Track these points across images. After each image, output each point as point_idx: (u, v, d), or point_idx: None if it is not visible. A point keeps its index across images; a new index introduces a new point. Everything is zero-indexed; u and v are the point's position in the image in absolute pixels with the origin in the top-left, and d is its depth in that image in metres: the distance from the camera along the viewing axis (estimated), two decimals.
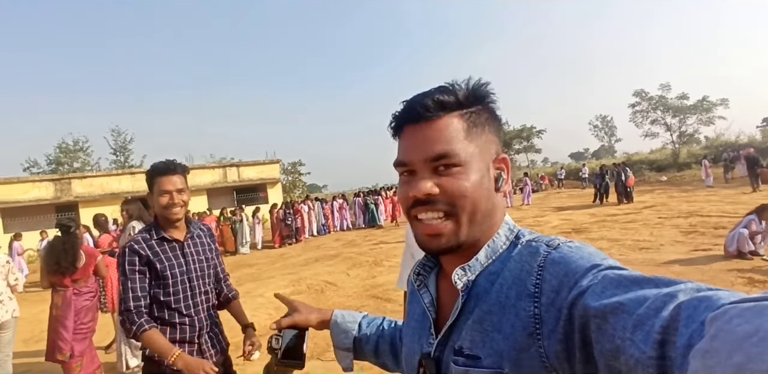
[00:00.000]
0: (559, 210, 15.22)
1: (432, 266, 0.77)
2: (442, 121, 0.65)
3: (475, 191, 0.63)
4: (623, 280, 0.49)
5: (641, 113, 32.02)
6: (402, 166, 0.68)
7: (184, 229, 2.01)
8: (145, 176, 1.93)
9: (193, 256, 1.98)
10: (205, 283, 2.01)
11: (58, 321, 3.58)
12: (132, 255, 1.87)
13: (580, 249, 0.59)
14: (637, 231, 9.09)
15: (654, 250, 7.22)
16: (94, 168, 28.30)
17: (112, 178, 20.83)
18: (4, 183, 18.71)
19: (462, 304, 0.64)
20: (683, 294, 0.42)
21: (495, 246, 0.66)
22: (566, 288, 0.53)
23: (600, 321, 0.47)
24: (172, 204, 1.87)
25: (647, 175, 25.17)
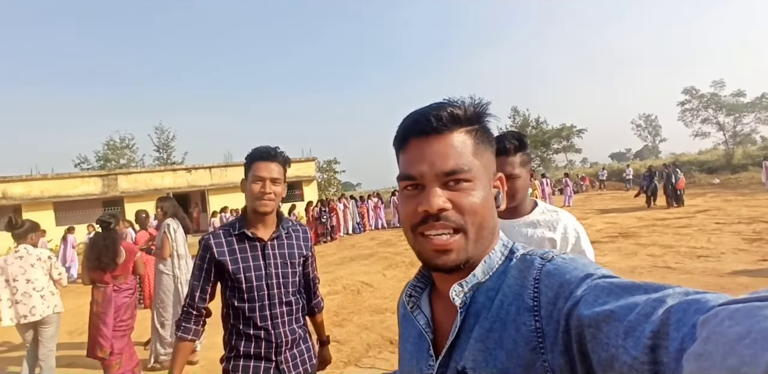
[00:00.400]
0: (603, 212, 14.56)
1: (423, 286, 0.75)
2: (453, 135, 0.64)
3: (484, 207, 0.63)
4: (614, 288, 0.48)
5: (691, 112, 30.40)
6: (408, 179, 0.65)
7: (273, 227, 1.77)
8: (244, 161, 1.74)
9: (275, 259, 1.72)
10: (288, 293, 1.73)
11: (98, 318, 3.60)
12: (204, 250, 1.70)
13: (574, 260, 0.58)
14: (692, 238, 8.51)
15: (714, 259, 6.68)
16: (139, 164, 29.47)
17: (155, 174, 21.56)
18: (56, 178, 19.72)
19: (461, 322, 0.62)
20: (672, 299, 0.42)
21: (491, 261, 0.65)
22: (562, 298, 0.52)
23: (594, 330, 0.46)
24: (263, 194, 1.65)
25: (697, 177, 23.80)
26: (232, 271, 1.66)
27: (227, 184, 21.90)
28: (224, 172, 22.29)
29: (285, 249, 1.76)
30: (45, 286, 3.66)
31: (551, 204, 1.75)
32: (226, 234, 1.71)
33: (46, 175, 19.78)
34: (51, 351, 3.72)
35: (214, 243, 1.68)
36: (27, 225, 3.73)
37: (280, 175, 1.70)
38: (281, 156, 1.72)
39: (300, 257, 1.80)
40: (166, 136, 31.16)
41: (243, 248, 1.69)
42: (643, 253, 7.56)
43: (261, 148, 1.70)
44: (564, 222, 1.59)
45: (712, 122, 29.71)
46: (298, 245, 1.82)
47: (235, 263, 1.67)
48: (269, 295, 1.69)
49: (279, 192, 1.69)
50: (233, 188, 22.00)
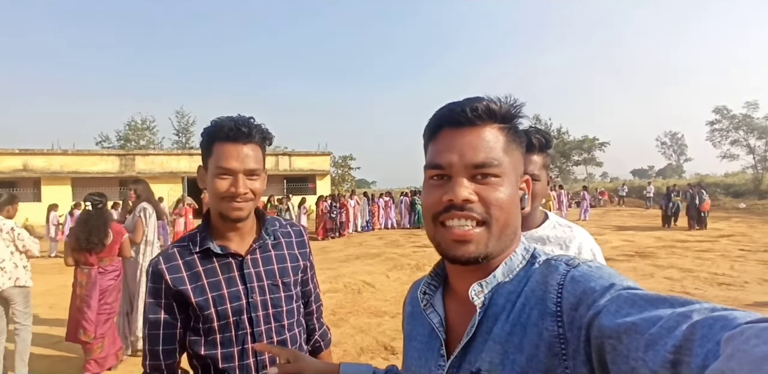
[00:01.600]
0: (620, 229, 14.11)
1: (437, 285, 0.73)
2: (486, 129, 0.63)
3: (510, 204, 0.62)
4: (638, 300, 0.48)
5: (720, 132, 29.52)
6: (436, 168, 0.64)
7: (252, 234, 1.26)
8: (200, 141, 1.20)
9: (260, 281, 1.20)
10: (282, 327, 1.23)
11: (82, 301, 3.47)
12: (154, 280, 1.15)
13: (600, 269, 0.57)
14: (714, 263, 8.10)
15: (737, 288, 6.32)
16: (157, 146, 29.82)
17: (172, 157, 21.74)
18: (76, 154, 20.03)
19: (478, 323, 0.61)
20: (698, 314, 0.41)
21: (512, 264, 0.64)
22: (584, 306, 0.52)
23: (614, 341, 0.45)
24: (234, 195, 1.12)
25: (722, 200, 23.05)
26: (198, 305, 1.13)
27: None
28: None
29: (273, 265, 1.24)
30: (6, 259, 3.48)
31: (564, 218, 1.52)
32: (184, 252, 1.18)
33: (67, 150, 20.12)
34: (24, 326, 3.59)
35: (165, 268, 1.15)
36: (3, 198, 3.59)
37: (258, 162, 1.16)
38: (258, 132, 1.16)
39: (297, 272, 1.29)
40: (186, 121, 31.52)
41: (210, 270, 1.17)
42: (660, 276, 7.21)
43: (226, 122, 1.13)
44: (579, 240, 1.36)
45: (742, 144, 28.79)
46: (292, 255, 1.30)
47: (201, 293, 1.14)
48: (253, 335, 1.18)
49: (258, 189, 1.17)
50: None
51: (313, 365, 0.87)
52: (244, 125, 1.13)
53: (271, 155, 23.65)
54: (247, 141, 1.14)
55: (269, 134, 1.21)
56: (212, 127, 1.15)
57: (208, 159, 1.16)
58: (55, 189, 18.71)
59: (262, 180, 1.20)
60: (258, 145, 1.17)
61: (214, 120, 1.16)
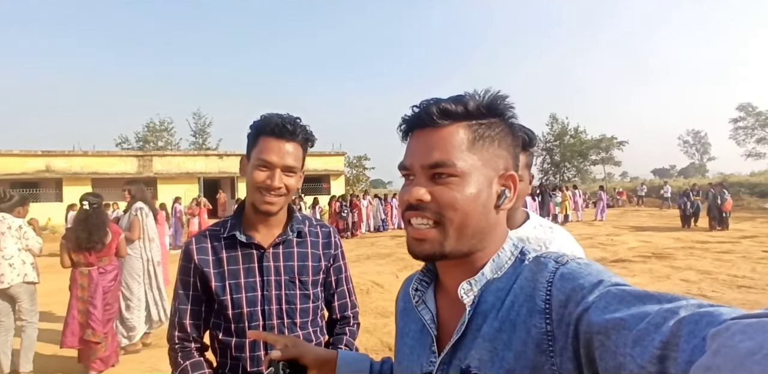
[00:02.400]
0: (637, 230, 13.80)
1: (429, 281, 0.74)
2: (447, 129, 0.64)
3: (468, 204, 0.61)
4: (626, 296, 0.48)
5: (745, 130, 28.70)
6: (403, 169, 0.67)
7: (279, 228, 1.28)
8: (248, 133, 1.25)
9: (277, 275, 1.23)
10: (294, 325, 1.24)
11: (87, 303, 3.51)
12: (185, 258, 1.24)
13: (589, 265, 0.58)
14: (734, 265, 7.84)
15: (758, 291, 6.09)
16: (174, 148, 30.34)
17: (188, 158, 22.10)
18: (96, 155, 20.54)
19: (468, 320, 0.61)
20: (684, 310, 0.42)
21: (500, 261, 0.64)
22: (573, 303, 0.52)
23: (603, 337, 0.46)
24: (269, 188, 1.17)
25: (746, 200, 22.34)
26: (216, 290, 1.20)
27: None
28: None
29: (293, 261, 1.25)
30: (14, 255, 3.56)
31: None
32: (213, 237, 1.25)
33: (87, 151, 20.62)
34: (30, 323, 3.65)
35: (195, 248, 1.23)
36: (15, 199, 3.68)
37: (297, 161, 1.21)
38: (302, 132, 1.22)
39: (317, 273, 1.29)
40: (203, 122, 32.00)
41: (232, 258, 1.22)
42: (677, 277, 7.01)
43: (274, 118, 1.19)
44: (559, 241, 1.31)
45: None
46: (315, 254, 1.30)
47: (220, 279, 1.20)
48: (265, 328, 1.21)
49: (292, 186, 1.21)
50: None
51: (312, 350, 0.88)
52: (289, 123, 1.19)
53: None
54: (290, 138, 1.19)
55: (312, 136, 1.26)
56: (260, 121, 1.22)
57: (251, 150, 1.22)
58: (76, 190, 19.12)
59: (298, 178, 1.24)
60: (300, 145, 1.23)
61: (263, 115, 1.23)
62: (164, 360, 4.02)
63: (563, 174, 33.48)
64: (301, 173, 1.28)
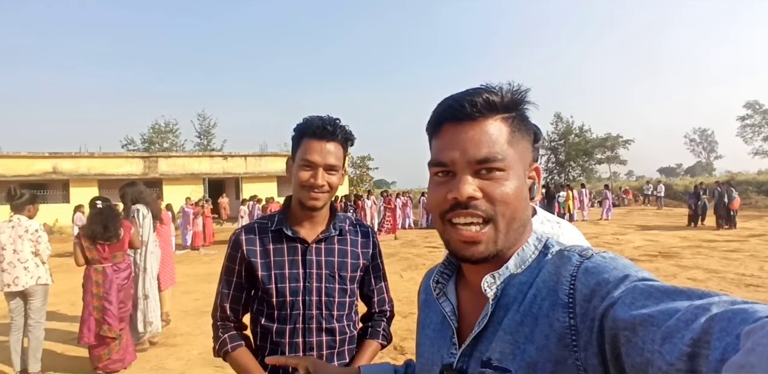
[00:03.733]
0: (644, 229, 13.71)
1: (450, 273, 0.74)
2: (488, 122, 0.62)
3: (516, 198, 0.61)
4: (654, 291, 0.47)
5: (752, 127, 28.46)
6: (439, 166, 0.64)
7: (322, 225, 1.37)
8: (292, 134, 1.33)
9: (318, 269, 1.31)
10: (331, 316, 1.31)
11: (102, 299, 3.55)
12: (233, 247, 1.34)
13: (614, 259, 0.56)
14: (742, 264, 7.77)
15: (766, 290, 6.05)
16: (180, 149, 30.48)
17: (193, 159, 22.18)
18: (102, 157, 20.67)
19: (490, 313, 0.61)
20: (717, 307, 0.40)
21: (524, 255, 0.63)
22: (598, 297, 0.51)
23: (629, 333, 0.45)
24: (312, 185, 1.26)
25: (754, 199, 22.15)
26: (262, 279, 1.29)
27: (261, 173, 22.30)
28: (259, 161, 22.69)
29: (334, 257, 1.34)
30: (29, 258, 3.62)
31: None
32: (261, 229, 1.34)
33: (93, 153, 20.76)
34: (38, 322, 3.69)
35: (245, 239, 1.32)
36: (25, 197, 3.72)
37: (339, 159, 1.29)
38: (342, 132, 1.29)
39: (355, 269, 1.37)
40: (208, 123, 32.10)
41: (278, 250, 1.31)
42: (683, 276, 6.96)
43: (315, 121, 1.27)
44: (568, 236, 1.29)
45: None
46: (354, 252, 1.37)
47: (266, 269, 1.30)
48: (305, 317, 1.29)
49: (335, 184, 1.30)
50: (266, 177, 22.38)
51: (334, 371, 0.89)
52: (329, 124, 1.27)
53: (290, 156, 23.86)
54: (330, 139, 1.27)
55: (352, 135, 1.35)
56: (303, 124, 1.30)
57: (295, 152, 1.31)
58: (83, 191, 19.30)
59: (340, 176, 1.33)
60: (340, 144, 1.31)
61: (305, 118, 1.31)
62: (171, 359, 4.08)
63: (568, 173, 33.29)
64: (343, 171, 1.35)
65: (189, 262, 9.77)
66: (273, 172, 22.69)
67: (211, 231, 13.19)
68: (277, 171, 22.85)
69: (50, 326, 4.53)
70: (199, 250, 11.84)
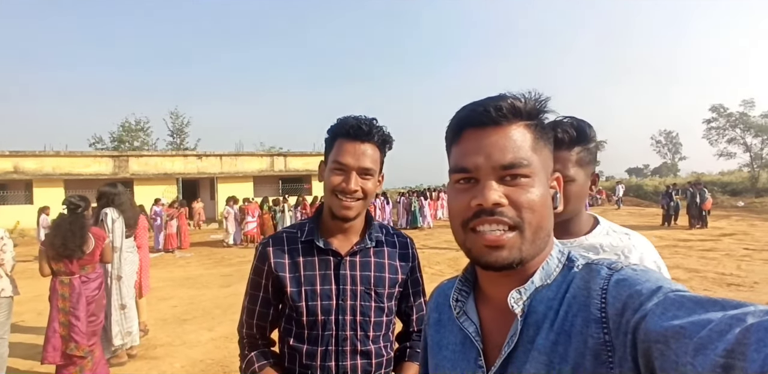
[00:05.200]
0: None
1: (468, 291, 0.70)
2: (512, 127, 0.61)
3: (542, 206, 0.60)
4: (686, 302, 0.45)
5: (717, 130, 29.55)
6: (462, 172, 0.62)
7: (356, 236, 1.25)
8: (326, 136, 1.23)
9: (354, 285, 1.19)
10: (367, 338, 1.19)
11: (69, 314, 3.22)
12: (260, 259, 1.21)
13: (645, 272, 0.55)
14: (720, 263, 7.97)
15: (747, 288, 6.18)
16: (152, 148, 29.47)
17: (166, 158, 21.43)
18: (69, 156, 19.70)
19: (519, 331, 0.58)
20: (752, 317, 0.39)
21: (549, 268, 0.61)
22: (630, 310, 0.49)
23: (662, 346, 0.43)
24: (345, 191, 1.14)
25: (720, 199, 23.02)
26: (291, 295, 1.17)
27: (237, 173, 21.75)
28: (235, 160, 22.13)
29: (370, 271, 1.21)
30: None
31: None
32: (291, 240, 1.22)
33: (59, 151, 19.77)
34: (2, 338, 3.35)
35: (272, 251, 1.20)
36: None
37: (375, 163, 1.17)
38: (379, 133, 1.18)
39: (393, 285, 1.24)
40: (181, 122, 31.15)
41: (309, 263, 1.19)
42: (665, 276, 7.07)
43: (350, 120, 1.17)
44: (640, 250, 1.15)
45: (739, 142, 28.83)
46: (392, 266, 1.24)
47: (296, 284, 1.17)
48: (338, 338, 1.16)
49: (370, 190, 1.17)
50: (242, 177, 21.85)
51: None
52: (365, 124, 1.16)
53: (266, 155, 23.42)
54: (366, 140, 1.16)
55: (390, 137, 1.22)
56: (336, 124, 1.19)
57: (328, 154, 1.19)
58: (48, 192, 18.37)
59: (376, 181, 1.20)
60: (377, 146, 1.19)
61: (339, 118, 1.20)
62: (152, 373, 3.80)
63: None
64: (380, 176, 1.23)
65: (164, 266, 9.35)
66: (249, 172, 22.16)
67: (186, 234, 12.72)
68: (253, 171, 22.34)
69: (14, 339, 4.17)
70: (174, 253, 11.40)
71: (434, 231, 15.04)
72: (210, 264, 9.55)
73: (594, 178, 1.20)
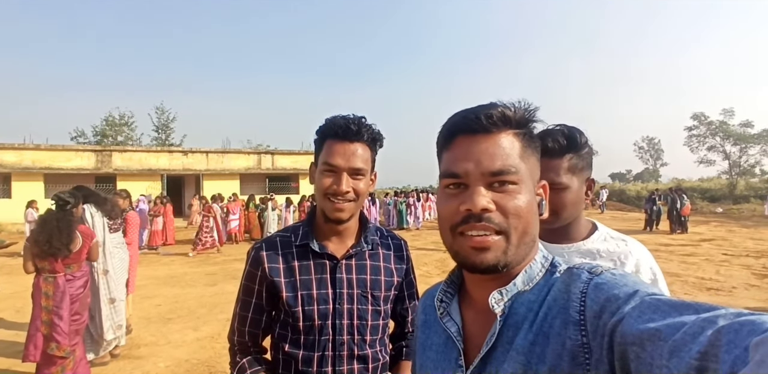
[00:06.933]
0: None
1: (453, 293, 0.72)
2: (501, 135, 0.63)
3: (529, 212, 0.61)
4: (661, 305, 0.47)
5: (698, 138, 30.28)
6: (452, 177, 0.63)
7: (352, 239, 1.24)
8: (314, 138, 1.20)
9: (350, 288, 1.17)
10: (364, 342, 1.18)
11: (52, 313, 3.13)
12: (253, 264, 1.19)
13: (624, 276, 0.56)
14: (699, 268, 8.16)
15: (726, 293, 6.34)
16: (136, 143, 28.95)
17: (151, 154, 21.08)
18: (49, 149, 19.24)
19: (498, 332, 0.60)
20: (723, 319, 0.40)
21: (532, 272, 0.63)
22: (608, 313, 0.51)
23: (638, 348, 0.45)
24: (335, 192, 1.12)
25: (699, 205, 23.57)
26: (287, 301, 1.14)
27: (223, 171, 21.51)
28: (221, 157, 21.88)
29: (366, 275, 1.20)
30: None
31: None
32: (284, 244, 1.20)
33: (39, 145, 19.28)
34: None
35: (266, 255, 1.17)
36: None
37: (365, 162, 1.15)
38: (368, 132, 1.15)
39: (389, 288, 1.23)
40: (167, 117, 30.63)
41: (304, 267, 1.17)
42: None
43: (338, 120, 1.14)
44: (636, 256, 1.17)
45: (719, 150, 29.56)
46: (387, 269, 1.24)
47: (292, 289, 1.15)
48: (335, 343, 1.15)
49: (362, 190, 1.16)
50: (229, 175, 21.61)
51: None
52: (353, 123, 1.14)
53: (254, 153, 23.20)
54: (355, 139, 1.14)
55: (380, 136, 1.21)
56: (324, 125, 1.17)
57: (318, 156, 1.18)
58: (27, 186, 17.92)
59: (368, 181, 1.18)
60: (367, 145, 1.17)
61: (327, 118, 1.18)
62: (136, 373, 3.74)
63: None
64: (372, 176, 1.21)
65: (148, 263, 9.19)
66: (236, 169, 21.93)
67: (172, 231, 12.52)
68: (240, 168, 22.11)
69: None
70: (158, 250, 11.21)
71: (421, 232, 15.11)
72: (195, 263, 9.43)
73: (589, 183, 1.22)
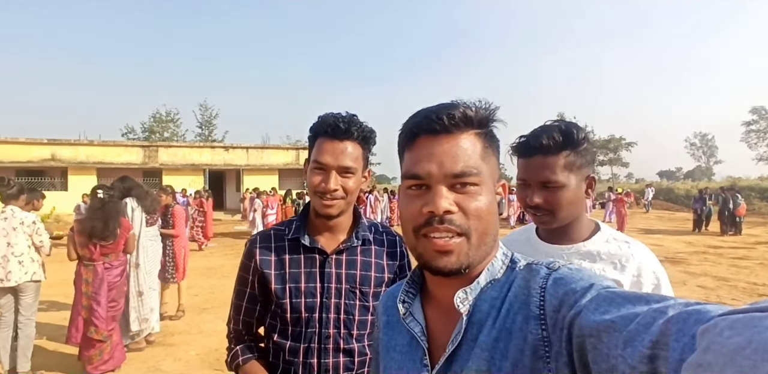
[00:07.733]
0: (647, 232, 13.57)
1: (414, 293, 0.72)
2: (463, 136, 0.63)
3: (489, 213, 0.62)
4: (616, 298, 0.48)
5: (757, 133, 28.28)
6: (414, 178, 0.63)
7: (343, 234, 1.25)
8: (308, 135, 1.22)
9: (338, 283, 1.19)
10: (350, 336, 1.19)
11: (91, 299, 3.35)
12: (247, 256, 1.23)
13: (580, 271, 0.58)
14: (752, 272, 7.63)
15: None
16: (180, 139, 30.22)
17: (194, 149, 21.97)
18: (102, 145, 20.43)
19: (463, 330, 0.60)
20: (672, 309, 0.42)
21: (494, 269, 0.64)
22: (566, 306, 0.52)
23: (595, 340, 0.46)
24: (323, 190, 1.13)
25: (757, 205, 22.02)
26: (275, 292, 1.18)
27: (262, 166, 22.10)
28: (261, 153, 22.49)
29: (356, 270, 1.21)
30: (25, 252, 3.44)
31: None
32: (278, 237, 1.23)
33: (93, 141, 20.50)
34: (29, 319, 3.51)
35: (259, 248, 1.21)
36: (15, 187, 3.52)
37: (355, 160, 1.15)
38: (359, 130, 1.15)
39: (380, 284, 1.23)
40: (210, 114, 31.82)
41: (294, 261, 1.20)
42: (693, 284, 6.81)
43: (328, 119, 1.15)
44: (638, 259, 1.11)
45: None
46: (379, 265, 1.24)
47: (281, 281, 1.18)
48: (321, 336, 1.17)
49: (351, 188, 1.16)
50: (268, 170, 22.19)
51: None
52: (343, 122, 1.14)
53: (292, 149, 23.72)
54: (344, 138, 1.14)
55: (372, 133, 1.20)
56: (316, 123, 1.18)
57: (310, 153, 1.20)
58: (81, 179, 19.09)
59: (358, 179, 1.19)
60: (357, 144, 1.17)
61: (320, 116, 1.19)
62: (168, 360, 3.92)
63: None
64: (364, 173, 1.22)
65: None
66: (275, 164, 22.49)
67: (210, 225, 12.99)
68: (278, 163, 22.65)
69: (42, 319, 4.37)
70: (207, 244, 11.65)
71: None
72: (232, 255, 9.75)
73: (590, 181, 1.15)
